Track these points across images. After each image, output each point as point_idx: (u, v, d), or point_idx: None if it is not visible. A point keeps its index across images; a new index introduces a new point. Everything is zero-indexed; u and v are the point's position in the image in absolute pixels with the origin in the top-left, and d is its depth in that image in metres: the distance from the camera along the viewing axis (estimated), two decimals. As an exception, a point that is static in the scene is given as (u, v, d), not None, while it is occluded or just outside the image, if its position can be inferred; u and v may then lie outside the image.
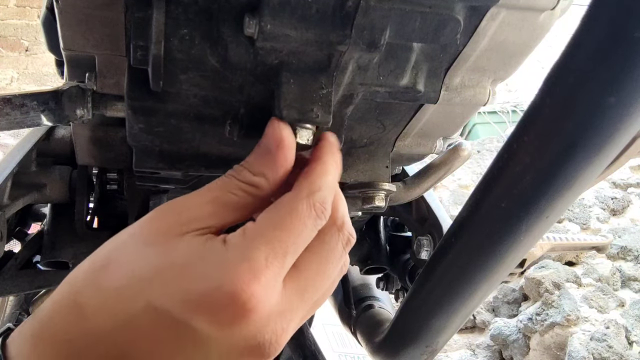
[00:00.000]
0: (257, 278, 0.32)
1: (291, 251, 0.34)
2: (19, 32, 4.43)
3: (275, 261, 0.33)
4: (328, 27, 0.38)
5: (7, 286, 0.78)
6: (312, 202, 0.36)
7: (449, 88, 0.49)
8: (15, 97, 0.46)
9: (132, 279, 0.32)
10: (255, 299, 0.31)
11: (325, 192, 0.37)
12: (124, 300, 0.32)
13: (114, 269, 0.33)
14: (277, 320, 0.33)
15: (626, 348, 2.01)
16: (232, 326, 0.32)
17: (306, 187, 0.36)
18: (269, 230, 0.34)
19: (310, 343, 0.93)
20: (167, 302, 0.31)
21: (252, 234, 0.34)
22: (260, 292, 0.32)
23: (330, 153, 0.40)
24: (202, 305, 0.31)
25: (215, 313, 0.31)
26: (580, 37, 0.33)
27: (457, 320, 0.53)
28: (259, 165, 0.37)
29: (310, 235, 0.36)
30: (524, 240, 0.42)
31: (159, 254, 0.33)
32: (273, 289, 0.33)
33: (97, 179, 0.80)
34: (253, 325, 0.32)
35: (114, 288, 0.32)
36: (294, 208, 0.35)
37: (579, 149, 0.35)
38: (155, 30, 0.38)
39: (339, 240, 0.38)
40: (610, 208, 2.74)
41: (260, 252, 0.33)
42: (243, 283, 0.31)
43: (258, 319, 0.32)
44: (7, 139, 3.27)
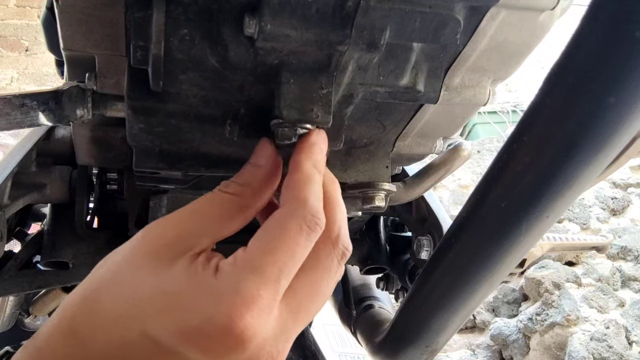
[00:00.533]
0: (250, 309, 0.31)
1: (285, 274, 0.33)
2: (19, 32, 4.43)
3: (267, 289, 0.32)
4: (328, 27, 0.38)
5: (7, 286, 0.78)
6: (301, 216, 0.34)
7: (449, 88, 0.49)
8: (15, 97, 0.46)
9: (126, 307, 0.32)
10: (249, 330, 0.31)
11: (312, 201, 0.36)
12: (119, 328, 0.32)
13: (109, 294, 0.33)
14: (272, 344, 0.33)
15: (626, 348, 2.01)
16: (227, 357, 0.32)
17: (292, 202, 0.35)
18: (259, 257, 0.33)
19: (310, 343, 0.93)
20: (161, 332, 0.31)
21: (242, 263, 0.33)
22: (253, 323, 0.31)
23: (307, 157, 0.38)
24: (196, 337, 0.31)
25: (209, 345, 0.31)
26: (580, 37, 0.33)
27: (457, 320, 0.53)
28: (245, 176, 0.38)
29: (305, 252, 0.35)
30: (524, 240, 0.42)
31: (152, 281, 0.33)
32: (267, 316, 0.32)
33: (97, 179, 0.80)
34: (248, 354, 0.32)
35: (109, 315, 0.32)
36: (282, 228, 0.34)
37: (579, 149, 0.35)
38: (155, 30, 0.38)
39: (334, 256, 0.37)
40: (610, 208, 2.74)
41: (251, 282, 0.32)
42: (236, 316, 0.31)
43: (253, 347, 0.32)
44: (7, 139, 3.27)
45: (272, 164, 0.39)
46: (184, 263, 0.33)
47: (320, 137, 0.41)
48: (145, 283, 0.33)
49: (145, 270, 0.33)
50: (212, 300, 0.32)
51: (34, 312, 1.13)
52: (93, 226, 0.83)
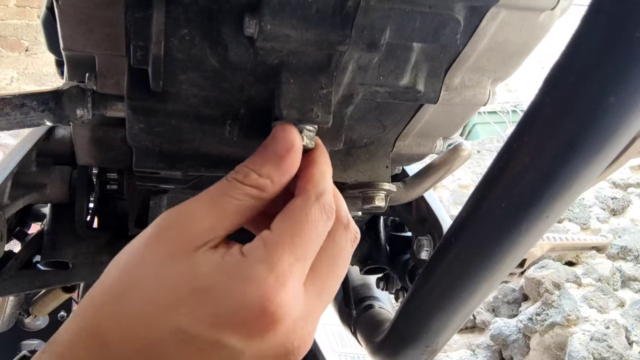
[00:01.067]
0: (284, 287, 0.32)
1: (309, 255, 0.35)
2: (19, 32, 4.44)
3: (296, 268, 0.34)
4: (328, 27, 0.38)
5: (7, 286, 0.78)
6: (321, 205, 0.37)
7: (449, 88, 0.49)
8: (15, 97, 0.46)
9: (155, 305, 0.32)
10: (283, 308, 0.32)
11: (329, 193, 0.38)
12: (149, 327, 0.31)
13: (133, 296, 0.32)
14: (302, 325, 0.34)
15: (626, 348, 2.01)
16: (262, 337, 0.32)
17: (313, 191, 0.37)
18: (288, 239, 0.34)
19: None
20: (197, 326, 0.31)
21: (272, 244, 0.34)
22: (287, 301, 0.32)
23: (324, 155, 0.41)
24: (233, 322, 0.32)
25: (245, 328, 0.32)
26: (580, 37, 0.33)
27: (457, 320, 0.53)
28: (267, 168, 0.37)
29: (322, 237, 0.37)
30: (524, 240, 0.42)
31: (179, 276, 0.33)
32: (298, 296, 0.34)
33: (97, 179, 0.80)
34: (281, 334, 0.33)
35: (137, 315, 0.32)
36: (308, 213, 0.36)
37: (579, 149, 0.35)
38: (155, 30, 0.38)
39: (348, 238, 0.39)
40: (610, 208, 2.74)
41: (284, 262, 0.33)
42: (271, 294, 0.32)
43: (286, 327, 0.33)
44: (7, 139, 3.27)
45: (295, 155, 0.38)
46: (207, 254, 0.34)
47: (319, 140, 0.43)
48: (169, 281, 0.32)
49: (167, 268, 0.33)
50: (243, 282, 0.32)
51: (34, 312, 1.13)
52: (93, 226, 0.83)
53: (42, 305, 1.11)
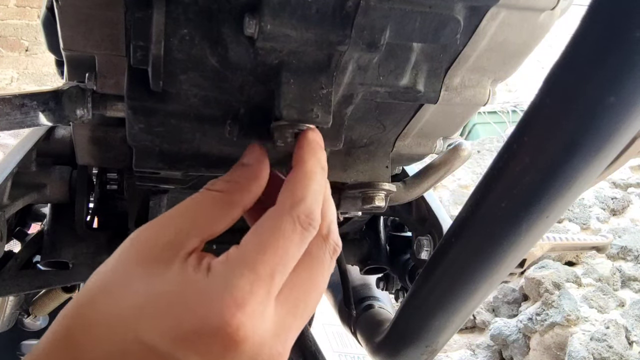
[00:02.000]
0: (242, 308, 0.31)
1: (279, 271, 0.33)
2: (19, 32, 4.43)
3: (261, 287, 0.32)
4: (328, 27, 0.38)
5: (7, 286, 0.78)
6: (295, 215, 0.34)
7: (449, 88, 0.49)
8: (15, 97, 0.46)
9: (119, 315, 0.32)
10: (242, 330, 0.31)
11: (309, 201, 0.35)
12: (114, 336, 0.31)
13: (102, 304, 0.32)
14: (272, 344, 0.33)
15: (626, 348, 2.01)
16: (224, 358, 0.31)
17: (288, 199, 0.35)
18: (251, 254, 0.33)
19: (310, 343, 0.93)
20: (155, 338, 0.31)
21: (234, 260, 0.33)
22: (246, 322, 0.31)
23: (310, 154, 0.38)
24: (190, 340, 0.31)
25: (203, 348, 0.31)
26: (580, 37, 0.33)
27: (457, 320, 0.53)
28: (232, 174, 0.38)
29: (299, 250, 0.34)
30: (524, 240, 0.42)
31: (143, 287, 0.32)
32: (261, 315, 0.32)
33: (97, 179, 0.80)
34: (246, 355, 0.31)
35: (103, 324, 0.32)
36: (276, 226, 0.34)
37: (579, 149, 0.35)
38: (155, 30, 0.38)
39: (326, 250, 0.37)
40: (610, 208, 2.74)
41: (243, 279, 0.31)
42: (228, 315, 0.30)
43: (250, 348, 0.31)
44: (7, 139, 3.27)
45: (258, 162, 0.39)
46: (174, 266, 0.33)
47: (316, 133, 0.41)
48: (136, 289, 0.32)
49: (136, 277, 0.33)
50: (203, 300, 0.31)
51: (34, 312, 1.13)
52: (93, 226, 0.83)
53: (42, 305, 1.11)
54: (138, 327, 0.31)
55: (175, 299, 0.32)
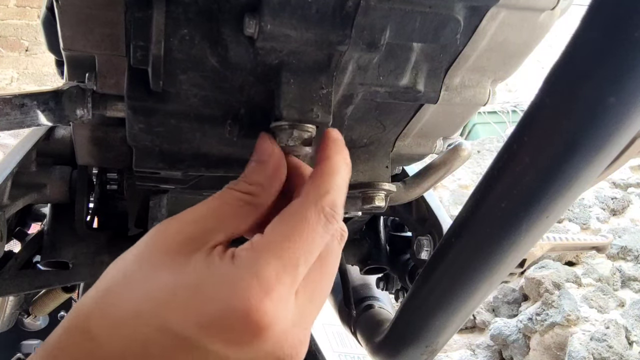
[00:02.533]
0: (269, 295, 0.31)
1: (302, 261, 0.33)
2: (19, 32, 4.43)
3: (286, 275, 0.32)
4: (328, 27, 0.38)
5: (7, 286, 0.78)
6: (320, 207, 0.35)
7: (449, 88, 0.49)
8: (15, 97, 0.46)
9: (144, 302, 0.32)
10: (268, 316, 0.31)
11: (334, 194, 0.36)
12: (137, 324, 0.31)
13: (124, 292, 0.32)
14: (294, 333, 0.33)
15: (626, 348, 2.01)
16: (249, 346, 0.31)
17: (313, 192, 0.36)
18: (277, 242, 0.33)
19: (310, 343, 0.93)
20: (181, 325, 0.31)
21: (260, 248, 0.33)
22: (273, 309, 0.31)
23: (336, 151, 0.39)
24: (216, 326, 0.31)
25: (229, 334, 0.31)
26: (581, 37, 0.33)
27: (457, 320, 0.53)
28: (254, 175, 0.38)
29: (322, 242, 0.35)
30: (524, 240, 0.42)
31: (169, 276, 0.32)
32: (286, 303, 0.32)
33: (97, 179, 0.80)
34: (270, 343, 0.32)
35: (126, 312, 0.32)
36: (302, 216, 0.34)
37: (579, 148, 0.35)
38: (155, 30, 0.38)
39: (335, 238, 0.37)
40: (610, 208, 2.74)
41: (269, 267, 0.32)
42: (255, 301, 0.31)
43: (274, 336, 0.32)
44: (7, 139, 3.27)
45: (275, 158, 0.39)
46: (201, 256, 0.33)
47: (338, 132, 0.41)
48: (161, 279, 0.32)
49: (160, 267, 0.33)
50: (229, 287, 0.31)
51: (34, 312, 1.13)
52: (93, 226, 0.83)
53: (42, 305, 1.11)
54: (162, 315, 0.31)
55: (201, 286, 0.32)
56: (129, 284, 0.33)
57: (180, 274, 0.33)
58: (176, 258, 0.33)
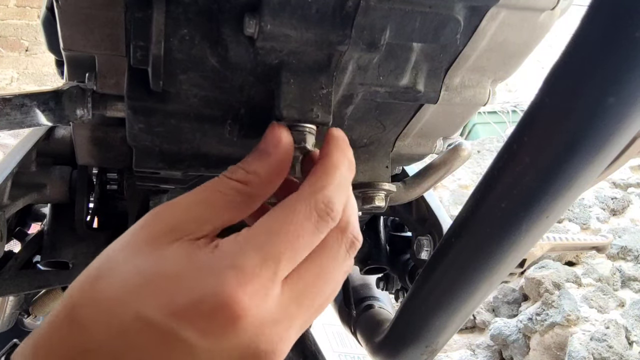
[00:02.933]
0: (244, 286, 0.31)
1: (286, 257, 0.32)
2: (19, 32, 4.43)
3: (265, 268, 0.32)
4: (328, 27, 0.38)
5: (7, 286, 0.78)
6: (312, 203, 0.34)
7: (449, 88, 0.49)
8: (15, 97, 0.46)
9: (123, 290, 0.32)
10: (242, 307, 0.30)
11: (330, 190, 0.35)
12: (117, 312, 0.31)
13: (107, 280, 0.32)
14: (272, 328, 0.32)
15: (626, 348, 2.01)
16: (221, 336, 0.31)
17: (307, 187, 0.35)
18: (261, 235, 0.32)
19: (310, 343, 0.93)
20: (155, 313, 0.31)
21: (243, 240, 0.32)
22: (247, 301, 0.31)
23: (336, 148, 0.38)
24: (189, 314, 0.30)
25: (202, 322, 0.30)
26: (580, 37, 0.33)
27: (457, 320, 0.53)
28: (254, 165, 0.36)
29: (312, 240, 0.34)
30: (524, 240, 0.42)
31: (149, 263, 0.32)
32: (264, 296, 0.32)
33: (97, 179, 0.80)
34: (244, 335, 0.31)
35: (107, 299, 0.32)
36: (291, 210, 0.33)
37: (579, 148, 0.35)
38: (155, 30, 0.38)
39: (342, 243, 0.36)
40: (610, 208, 2.74)
41: (249, 259, 0.31)
42: (229, 291, 0.30)
43: (248, 328, 0.31)
44: (7, 139, 3.27)
45: (282, 151, 0.37)
46: (181, 245, 0.33)
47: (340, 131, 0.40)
48: (142, 267, 0.32)
49: (142, 254, 0.33)
50: (206, 275, 0.31)
51: (34, 312, 1.13)
52: (93, 226, 0.83)
53: (42, 305, 1.11)
54: (138, 303, 0.31)
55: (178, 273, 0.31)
56: (113, 271, 0.33)
57: (157, 261, 0.32)
58: (157, 246, 0.33)
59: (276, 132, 0.37)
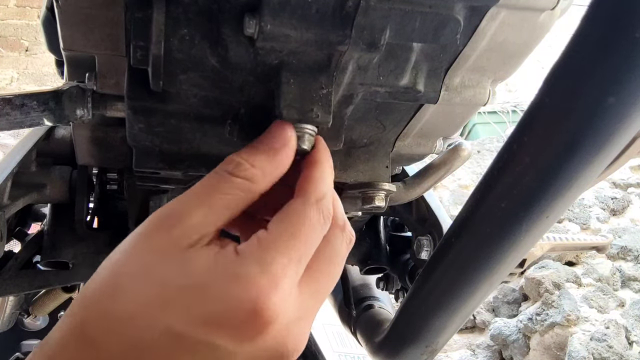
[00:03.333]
0: (276, 289, 0.32)
1: (304, 258, 0.35)
2: (19, 32, 4.44)
3: (290, 270, 0.33)
4: (328, 27, 0.38)
5: (7, 286, 0.78)
6: (320, 208, 0.37)
7: (449, 88, 0.49)
8: (15, 97, 0.46)
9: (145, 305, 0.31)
10: (275, 311, 0.32)
11: (329, 196, 0.38)
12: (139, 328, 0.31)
13: (123, 295, 0.32)
14: (296, 327, 0.34)
15: (626, 348, 2.01)
16: (255, 339, 0.31)
17: (313, 193, 0.37)
18: (284, 240, 0.34)
19: (310, 343, 0.93)
20: (188, 326, 0.31)
21: (267, 244, 0.34)
22: (279, 304, 0.32)
23: (326, 157, 0.41)
24: (224, 323, 0.31)
25: (237, 329, 0.31)
26: (580, 37, 0.33)
27: (457, 320, 0.53)
28: (260, 160, 0.37)
29: (319, 239, 0.37)
30: (524, 240, 0.42)
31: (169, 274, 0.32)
32: (290, 297, 0.33)
33: (97, 179, 0.80)
34: (274, 336, 0.32)
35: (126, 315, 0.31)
36: (306, 215, 0.36)
37: (579, 148, 0.35)
38: (155, 30, 0.38)
39: (343, 240, 0.39)
40: (610, 208, 2.74)
41: (277, 263, 0.33)
42: (263, 296, 0.31)
43: (278, 329, 0.32)
44: (7, 139, 3.27)
45: (289, 150, 0.39)
46: (203, 250, 0.33)
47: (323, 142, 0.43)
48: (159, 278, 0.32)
49: (156, 265, 0.32)
50: (238, 282, 0.31)
51: (34, 312, 1.13)
52: (93, 226, 0.83)
53: (42, 305, 1.11)
54: (167, 318, 0.31)
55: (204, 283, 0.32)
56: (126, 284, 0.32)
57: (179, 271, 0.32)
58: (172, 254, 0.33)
59: (286, 131, 0.39)
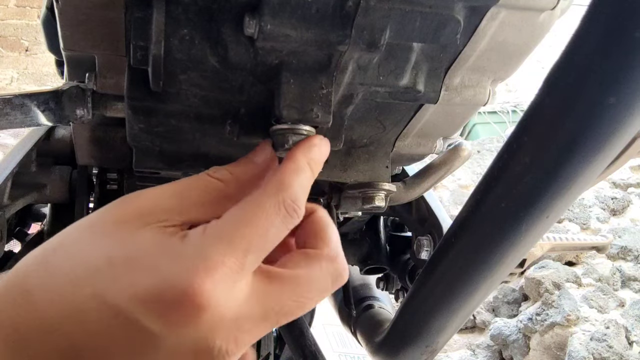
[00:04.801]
0: (211, 275, 0.30)
1: (254, 249, 0.32)
2: (19, 32, 4.44)
3: (233, 259, 0.31)
4: (328, 27, 0.38)
5: (7, 286, 0.78)
6: (281, 199, 0.34)
7: (449, 88, 0.49)
8: (15, 97, 0.46)
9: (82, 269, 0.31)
10: (207, 298, 0.30)
11: (296, 189, 0.35)
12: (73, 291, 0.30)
13: (66, 255, 0.31)
14: (230, 326, 0.31)
15: (626, 348, 2.01)
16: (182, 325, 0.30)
17: (274, 184, 0.35)
18: (230, 227, 0.32)
19: (310, 343, 0.93)
20: (115, 295, 0.30)
21: (212, 230, 0.32)
22: (212, 290, 0.30)
23: (303, 152, 0.38)
24: (152, 301, 0.30)
25: (164, 310, 0.30)
26: (580, 37, 0.33)
27: (457, 320, 0.53)
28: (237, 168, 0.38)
29: (278, 235, 0.34)
30: (524, 240, 0.42)
31: (114, 244, 0.32)
32: (229, 288, 0.31)
33: (97, 179, 0.80)
34: (203, 327, 0.30)
35: (64, 277, 0.31)
36: (259, 204, 0.33)
37: (579, 149, 0.35)
38: (155, 30, 0.38)
39: (328, 272, 0.35)
40: (610, 208, 2.74)
41: (216, 249, 0.31)
42: (195, 279, 0.30)
43: (210, 320, 0.30)
44: (7, 139, 3.27)
45: (266, 164, 0.39)
46: (149, 230, 0.32)
47: (323, 142, 0.40)
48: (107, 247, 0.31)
49: (108, 234, 0.32)
50: (172, 262, 0.30)
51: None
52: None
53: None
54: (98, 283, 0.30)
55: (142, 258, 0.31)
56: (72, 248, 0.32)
57: (124, 243, 0.32)
58: (124, 228, 0.32)
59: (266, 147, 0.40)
